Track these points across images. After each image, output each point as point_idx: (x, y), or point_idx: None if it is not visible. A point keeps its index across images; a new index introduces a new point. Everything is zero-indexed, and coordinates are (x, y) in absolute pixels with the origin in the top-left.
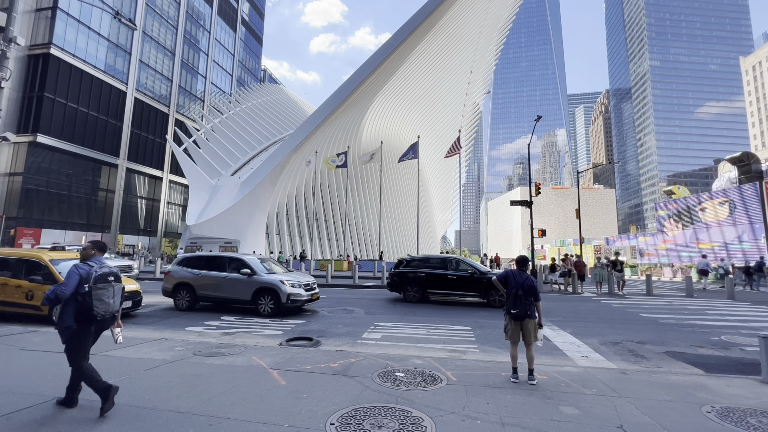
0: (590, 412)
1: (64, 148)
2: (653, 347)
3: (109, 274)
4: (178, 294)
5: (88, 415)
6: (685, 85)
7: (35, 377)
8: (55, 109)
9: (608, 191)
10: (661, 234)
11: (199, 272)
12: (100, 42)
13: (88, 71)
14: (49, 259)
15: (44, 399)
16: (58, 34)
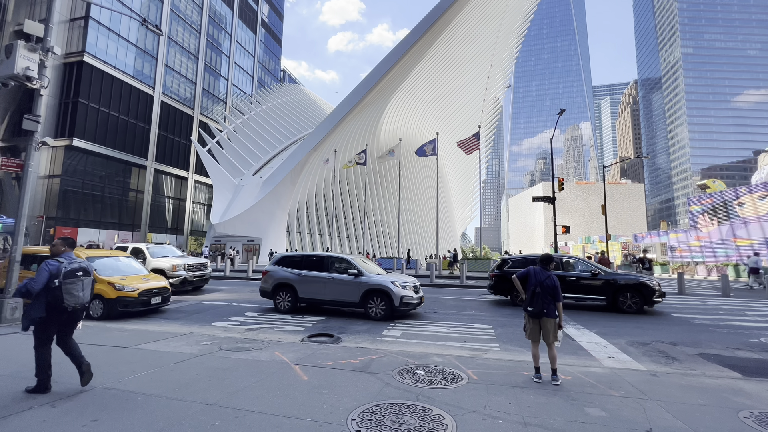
0: (617, 415)
1: (98, 151)
2: (685, 349)
3: (79, 269)
4: (279, 295)
5: (113, 403)
6: (720, 73)
7: (74, 368)
8: (88, 114)
9: (636, 186)
10: (694, 230)
11: (301, 273)
12: (128, 48)
13: (118, 77)
14: (85, 256)
15: (83, 388)
16: (91, 42)
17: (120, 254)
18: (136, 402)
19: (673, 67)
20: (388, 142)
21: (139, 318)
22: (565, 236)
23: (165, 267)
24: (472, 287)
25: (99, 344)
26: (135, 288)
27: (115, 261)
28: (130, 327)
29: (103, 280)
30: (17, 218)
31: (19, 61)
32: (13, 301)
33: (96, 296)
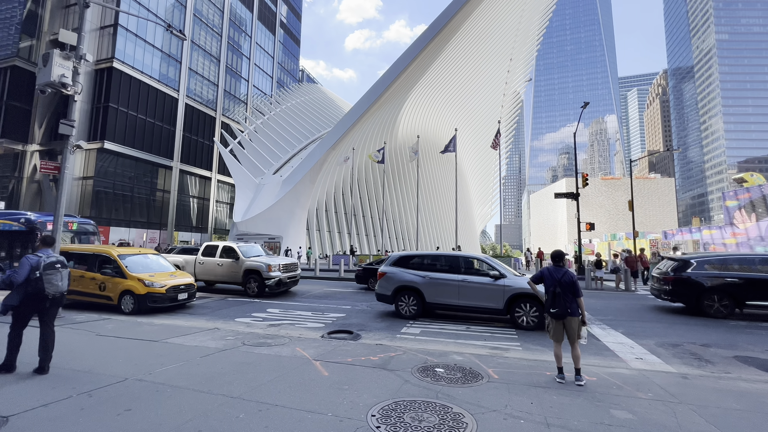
0: (645, 418)
1: (127, 152)
2: (720, 351)
3: (57, 262)
4: (401, 300)
5: (144, 394)
6: (759, 60)
7: (109, 360)
8: (118, 117)
9: (666, 180)
10: (730, 226)
11: (428, 275)
12: (154, 53)
13: (145, 81)
14: (117, 254)
15: (117, 379)
16: (119, 49)
17: (148, 251)
18: (165, 394)
19: (707, 55)
20: (406, 139)
21: (167, 313)
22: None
23: (260, 268)
24: None
25: (131, 338)
26: (163, 284)
27: (144, 258)
28: (159, 322)
29: (133, 277)
30: (55, 218)
31: (55, 69)
32: None
33: (127, 292)
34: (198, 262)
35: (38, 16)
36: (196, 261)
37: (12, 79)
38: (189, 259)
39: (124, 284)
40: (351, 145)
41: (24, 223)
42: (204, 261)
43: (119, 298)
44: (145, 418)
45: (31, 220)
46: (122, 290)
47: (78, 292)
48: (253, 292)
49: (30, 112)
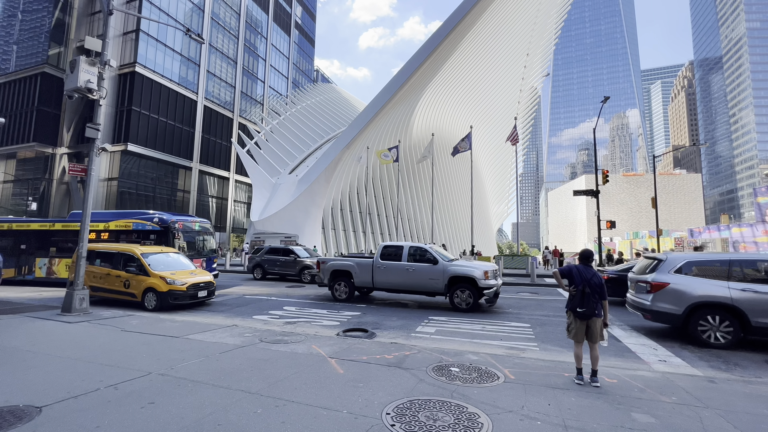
0: (669, 422)
1: (149, 154)
2: (750, 354)
3: None
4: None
5: (167, 388)
6: None
7: (133, 354)
8: (140, 120)
9: (693, 176)
10: (762, 224)
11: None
12: (174, 57)
13: (165, 84)
14: (140, 252)
15: (142, 373)
16: (141, 54)
17: (170, 250)
18: (186, 388)
19: (737, 45)
20: (420, 137)
21: (188, 310)
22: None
23: (473, 274)
24: (508, 284)
25: (154, 333)
26: (184, 282)
27: (165, 257)
28: (180, 318)
29: (155, 275)
30: (83, 218)
31: (82, 75)
32: (81, 292)
33: (150, 289)
34: (376, 267)
35: (65, 24)
36: (374, 265)
37: (42, 85)
38: (361, 263)
39: (147, 282)
40: (365, 144)
41: (158, 222)
42: (385, 266)
43: (142, 295)
44: (168, 411)
45: (164, 219)
46: (145, 287)
47: (104, 289)
48: (467, 305)
49: (59, 117)
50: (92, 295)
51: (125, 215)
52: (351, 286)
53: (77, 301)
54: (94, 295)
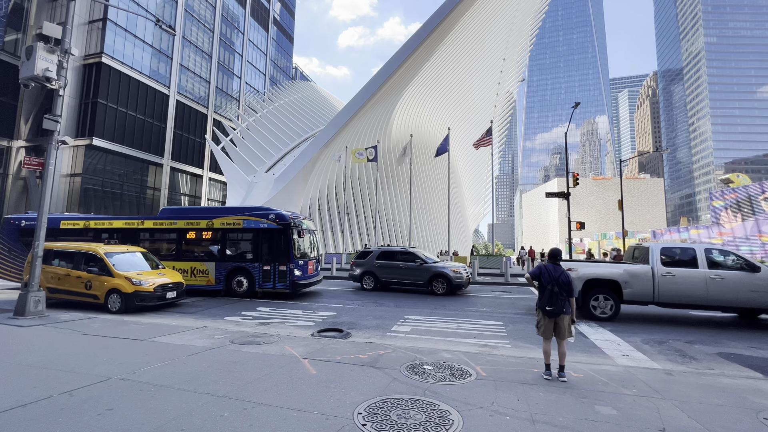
0: (629, 414)
1: (117, 149)
2: (704, 347)
3: None
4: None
5: (128, 393)
6: (746, 63)
7: (93, 359)
8: (107, 113)
9: (656, 181)
10: (716, 226)
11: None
12: (145, 49)
13: (135, 77)
14: (104, 252)
15: (101, 378)
16: (108, 44)
17: (137, 249)
18: (149, 392)
19: (696, 57)
20: (399, 137)
21: (155, 312)
22: (580, 232)
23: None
24: (483, 284)
25: (117, 337)
26: (151, 282)
27: (131, 256)
28: (146, 321)
29: (120, 275)
30: (39, 215)
31: (39, 63)
32: (36, 294)
33: (114, 290)
34: (661, 275)
35: (24, 9)
36: (656, 273)
37: None
38: (635, 270)
39: (111, 282)
40: (344, 144)
41: (275, 219)
42: (677, 273)
43: (106, 296)
44: (127, 418)
45: (283, 215)
46: (109, 289)
47: (64, 291)
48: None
49: (16, 108)
50: (50, 297)
51: (233, 211)
52: None
53: (32, 304)
54: (51, 297)
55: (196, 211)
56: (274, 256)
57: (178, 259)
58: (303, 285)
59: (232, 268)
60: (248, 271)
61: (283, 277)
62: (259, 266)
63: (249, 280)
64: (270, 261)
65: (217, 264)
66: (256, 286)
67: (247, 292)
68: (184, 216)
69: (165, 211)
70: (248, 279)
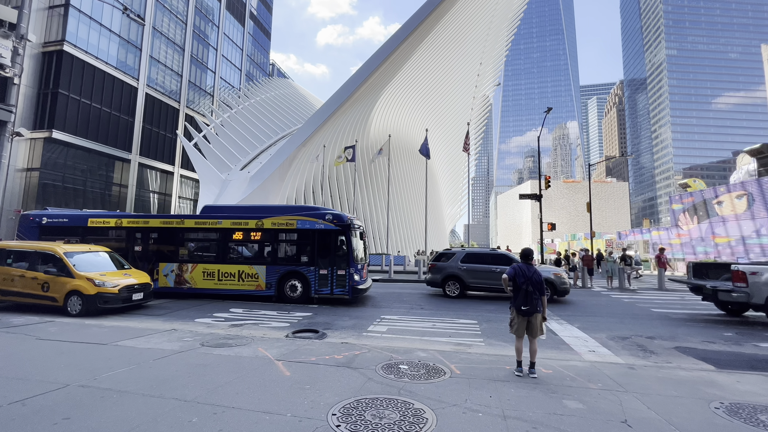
0: (594, 407)
1: (79, 143)
2: (663, 342)
3: None
4: None
5: (87, 401)
6: (703, 75)
7: (49, 365)
8: (69, 105)
9: (621, 184)
10: (675, 228)
11: None
12: (111, 38)
13: (100, 67)
14: (63, 251)
15: (57, 386)
16: (71, 31)
17: (100, 249)
18: (111, 399)
19: (658, 68)
20: (378, 137)
21: (120, 314)
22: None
23: None
24: None
25: (77, 341)
26: (116, 284)
27: (94, 256)
28: (110, 324)
29: (81, 276)
30: None
31: None
32: None
33: (74, 292)
34: None
35: None
36: None
37: None
38: None
39: (71, 284)
40: (322, 142)
41: (332, 220)
42: None
43: (65, 299)
44: (86, 427)
45: (341, 216)
46: (69, 290)
47: (17, 293)
48: None
49: None
50: (1, 300)
51: (283, 210)
52: None
53: None
54: (3, 300)
55: (242, 210)
56: (331, 260)
57: (223, 262)
58: (362, 290)
59: (285, 272)
60: (303, 275)
61: (341, 282)
62: (315, 270)
63: (303, 284)
64: (327, 265)
65: (267, 267)
66: (311, 291)
67: (301, 298)
68: (229, 215)
69: (206, 210)
70: (303, 284)
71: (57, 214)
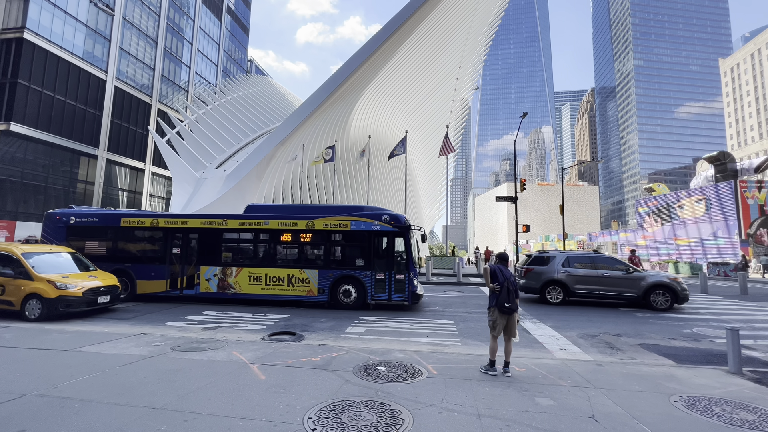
0: (564, 403)
1: (40, 137)
2: (628, 339)
3: None
4: None
5: (45, 411)
6: (667, 85)
7: (3, 374)
8: (29, 96)
9: (592, 188)
10: (641, 230)
11: None
12: (77, 27)
13: (65, 58)
14: (21, 252)
15: (12, 396)
16: (33, 18)
17: (63, 250)
18: (72, 409)
19: (626, 78)
20: (358, 138)
21: (85, 318)
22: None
23: None
24: (437, 284)
25: (35, 348)
26: (80, 286)
27: (55, 257)
28: (73, 328)
29: (42, 278)
30: None
31: None
32: None
33: (33, 296)
34: None
35: None
36: None
37: None
38: None
39: (30, 287)
40: (301, 142)
41: (390, 221)
42: None
43: (23, 303)
44: None
45: (399, 217)
46: (27, 294)
47: None
48: None
49: None
50: None
51: (334, 210)
52: None
53: None
54: None
55: (289, 210)
56: (388, 264)
57: (271, 265)
58: (419, 296)
59: (339, 277)
60: (358, 279)
61: (400, 287)
62: (372, 274)
63: (358, 290)
64: (384, 269)
65: (320, 271)
66: (368, 297)
67: (355, 304)
68: (275, 215)
69: (250, 209)
70: (357, 289)
71: (85, 212)
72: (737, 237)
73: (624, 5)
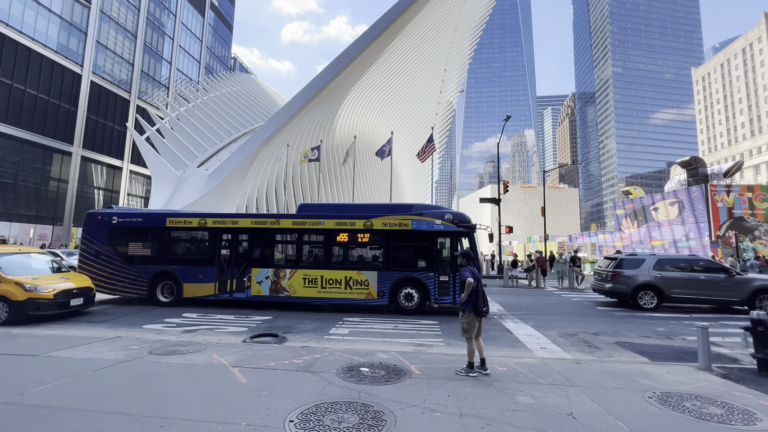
0: (544, 402)
1: (9, 132)
2: (606, 338)
3: None
4: None
5: (11, 420)
6: (643, 92)
7: None
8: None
9: (572, 190)
10: (618, 232)
11: None
12: (51, 19)
13: (37, 50)
14: None
15: None
16: (2, 8)
17: (33, 250)
18: (40, 417)
19: (605, 84)
20: (343, 138)
21: (56, 322)
22: (509, 235)
23: None
24: None
25: (0, 353)
26: (51, 288)
27: (25, 258)
28: (43, 332)
29: (9, 280)
30: None
31: None
32: None
33: (0, 298)
34: None
35: None
36: None
37: None
38: None
39: None
40: (286, 141)
41: (453, 220)
42: None
43: None
44: None
45: (463, 216)
46: None
47: None
48: None
49: None
50: None
51: (393, 209)
52: None
53: None
54: None
55: (344, 209)
56: (452, 265)
57: (327, 267)
58: None
59: (399, 279)
60: (420, 282)
61: None
62: (435, 276)
63: (421, 292)
64: (448, 270)
65: (379, 273)
66: (431, 299)
67: (417, 308)
68: (330, 214)
69: (304, 208)
70: (420, 291)
71: (128, 212)
72: (707, 239)
73: (603, 14)
